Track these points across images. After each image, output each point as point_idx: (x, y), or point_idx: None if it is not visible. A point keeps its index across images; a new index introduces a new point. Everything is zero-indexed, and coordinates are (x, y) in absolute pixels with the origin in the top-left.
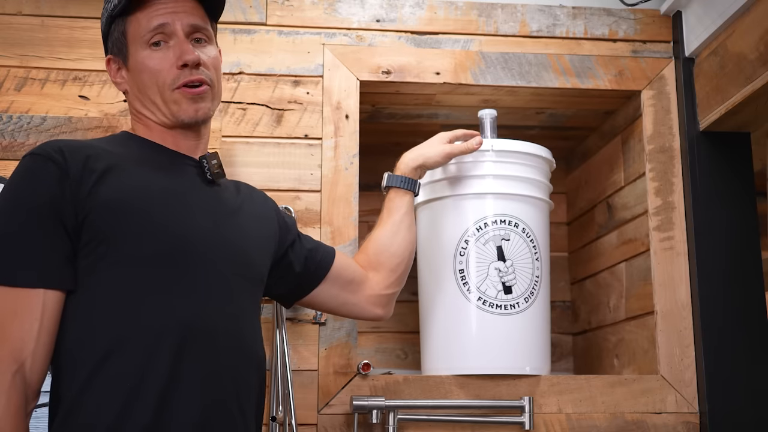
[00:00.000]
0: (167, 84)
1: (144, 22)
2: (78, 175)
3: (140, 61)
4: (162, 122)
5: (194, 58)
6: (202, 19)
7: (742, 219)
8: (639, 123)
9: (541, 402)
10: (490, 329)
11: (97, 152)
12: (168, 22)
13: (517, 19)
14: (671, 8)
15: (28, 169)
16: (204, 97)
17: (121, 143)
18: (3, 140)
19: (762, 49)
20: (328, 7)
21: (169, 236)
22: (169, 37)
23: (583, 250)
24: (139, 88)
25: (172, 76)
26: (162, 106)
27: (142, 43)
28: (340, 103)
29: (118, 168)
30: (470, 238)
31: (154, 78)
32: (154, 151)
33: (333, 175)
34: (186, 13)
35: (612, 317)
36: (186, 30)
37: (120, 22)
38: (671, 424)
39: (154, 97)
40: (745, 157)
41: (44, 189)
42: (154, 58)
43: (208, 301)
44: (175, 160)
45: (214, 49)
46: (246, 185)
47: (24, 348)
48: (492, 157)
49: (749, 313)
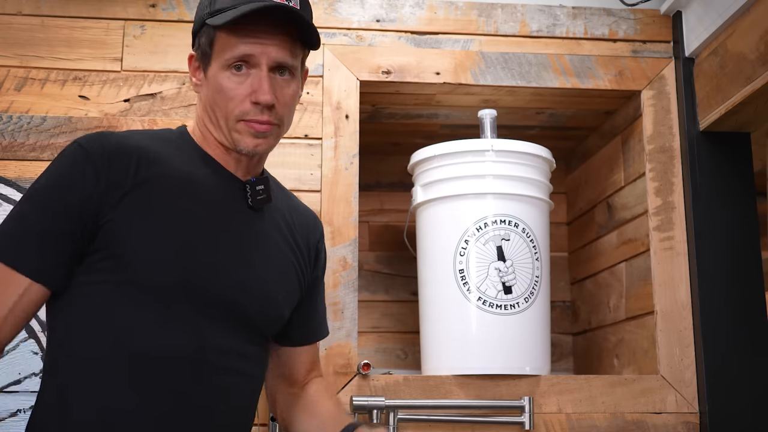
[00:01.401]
0: (235, 113)
1: (231, 45)
2: (114, 181)
3: (218, 81)
4: (221, 142)
5: (268, 99)
6: (291, 53)
7: (742, 219)
8: (639, 123)
9: (541, 402)
10: (490, 329)
11: (146, 156)
12: (254, 54)
13: (517, 19)
14: (671, 8)
15: (71, 161)
16: (267, 135)
17: (175, 144)
18: (3, 140)
19: (762, 49)
20: (328, 7)
21: (178, 270)
22: (252, 66)
23: (583, 250)
24: (210, 103)
25: (243, 108)
26: (225, 129)
27: (223, 64)
28: (340, 103)
29: (161, 178)
30: (470, 238)
31: (225, 102)
32: (203, 164)
33: (333, 175)
34: (276, 46)
35: (612, 317)
36: (270, 65)
37: (210, 30)
38: (671, 424)
39: (220, 118)
40: (745, 157)
41: (77, 187)
42: (232, 81)
43: (190, 339)
44: (222, 179)
45: (296, 83)
46: (299, 209)
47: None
48: (492, 157)
49: (749, 313)
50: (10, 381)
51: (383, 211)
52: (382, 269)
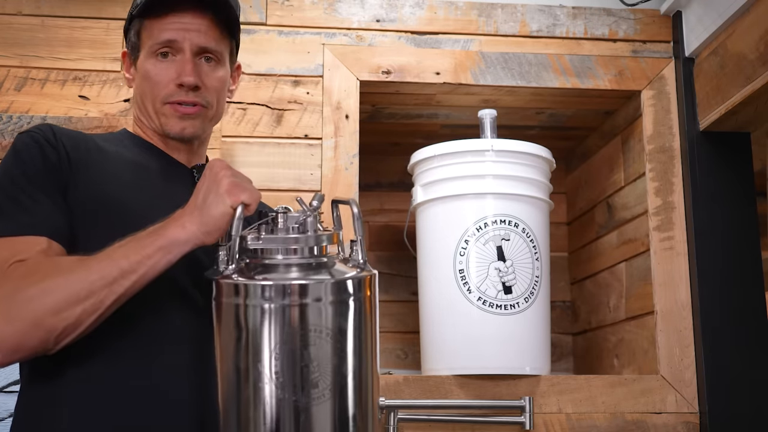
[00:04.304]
0: (161, 96)
1: (156, 32)
2: (68, 152)
3: (145, 68)
4: (153, 129)
5: (191, 81)
6: (215, 39)
7: (742, 219)
8: (639, 123)
9: (541, 402)
10: (490, 329)
11: (93, 143)
12: (177, 39)
13: (517, 19)
14: (671, 8)
15: (25, 145)
16: (194, 117)
17: (117, 142)
18: (3, 140)
19: (762, 49)
20: (328, 7)
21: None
22: (177, 51)
23: (583, 250)
24: (139, 92)
25: (168, 90)
26: (153, 114)
27: (150, 52)
28: (340, 103)
29: (108, 162)
30: (470, 238)
31: (152, 87)
32: (148, 153)
33: (333, 175)
34: (199, 32)
35: (612, 317)
36: (194, 50)
37: (137, 23)
38: (671, 424)
39: (148, 104)
40: (745, 157)
41: (42, 157)
42: (158, 68)
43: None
44: (168, 165)
45: (223, 70)
46: None
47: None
48: (492, 157)
49: (749, 313)
50: (10, 381)
51: (383, 211)
52: (382, 269)
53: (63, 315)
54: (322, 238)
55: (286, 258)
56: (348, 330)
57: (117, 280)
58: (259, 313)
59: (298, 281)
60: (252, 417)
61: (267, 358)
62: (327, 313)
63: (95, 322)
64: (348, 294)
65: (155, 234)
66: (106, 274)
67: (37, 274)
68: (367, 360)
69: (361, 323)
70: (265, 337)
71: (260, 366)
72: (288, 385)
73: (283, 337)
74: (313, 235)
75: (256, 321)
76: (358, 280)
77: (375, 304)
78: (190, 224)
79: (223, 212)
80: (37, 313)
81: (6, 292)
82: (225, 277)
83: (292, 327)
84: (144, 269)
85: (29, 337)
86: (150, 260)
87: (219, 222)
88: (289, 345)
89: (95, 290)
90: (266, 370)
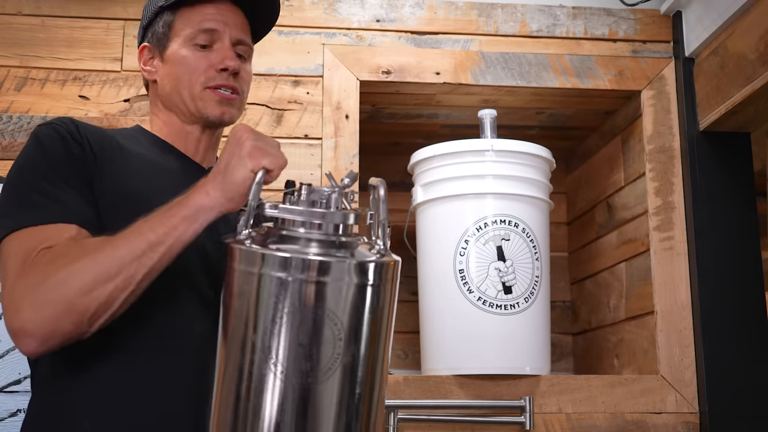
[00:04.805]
0: (200, 81)
1: (195, 22)
2: (90, 150)
3: (181, 54)
4: (183, 116)
5: (236, 65)
6: (247, 36)
7: (742, 219)
8: (639, 123)
9: (541, 402)
10: (490, 329)
11: (111, 140)
12: (218, 29)
13: (517, 19)
14: (671, 8)
15: (47, 136)
16: (232, 104)
17: (134, 140)
18: (3, 140)
19: (762, 49)
20: (328, 7)
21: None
22: (216, 41)
23: (583, 250)
24: (171, 81)
25: (208, 75)
26: (189, 100)
27: (187, 40)
28: (340, 103)
29: (130, 159)
30: (470, 238)
31: (189, 73)
32: (167, 153)
33: (333, 175)
34: (237, 26)
35: (612, 317)
36: (233, 41)
37: (168, 14)
38: (671, 424)
39: (183, 91)
40: (745, 157)
41: (63, 151)
42: (196, 56)
43: (177, 316)
44: (183, 164)
45: (250, 66)
46: None
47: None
48: (492, 157)
49: (749, 313)
50: (10, 381)
51: None
52: None
53: (94, 294)
54: (348, 216)
55: (308, 232)
56: (364, 316)
57: (146, 253)
58: (269, 283)
59: (319, 257)
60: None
61: (272, 335)
62: (347, 296)
63: (128, 299)
64: (368, 278)
65: (180, 204)
66: (134, 249)
67: (65, 258)
68: (379, 349)
69: (381, 310)
70: (272, 311)
71: (263, 342)
72: (293, 366)
73: (293, 316)
74: (339, 212)
75: (265, 292)
76: (381, 264)
77: (395, 293)
78: (213, 190)
79: (244, 177)
80: (68, 295)
81: (34, 280)
82: (237, 242)
83: (306, 306)
84: (171, 240)
85: (63, 321)
86: (176, 231)
87: (240, 187)
88: (299, 324)
89: (125, 265)
90: (268, 348)
